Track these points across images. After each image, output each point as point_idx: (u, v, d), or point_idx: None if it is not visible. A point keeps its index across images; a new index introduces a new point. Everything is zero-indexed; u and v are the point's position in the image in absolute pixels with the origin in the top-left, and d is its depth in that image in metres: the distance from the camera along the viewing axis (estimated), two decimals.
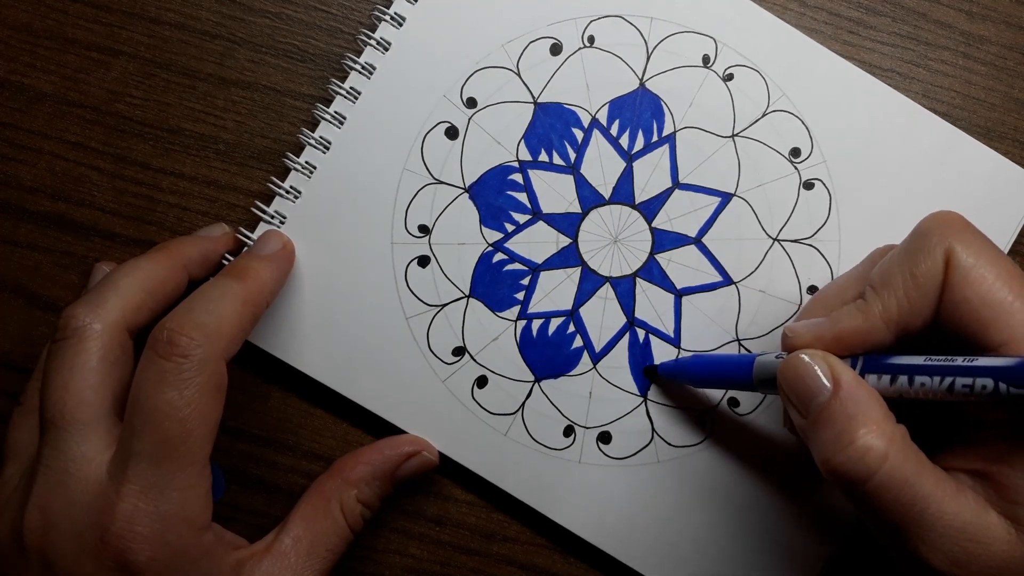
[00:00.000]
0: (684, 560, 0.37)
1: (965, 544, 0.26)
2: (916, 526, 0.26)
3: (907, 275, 0.29)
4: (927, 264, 0.29)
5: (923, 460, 0.27)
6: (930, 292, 0.29)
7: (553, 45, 0.38)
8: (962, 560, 0.26)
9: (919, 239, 0.29)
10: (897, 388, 0.28)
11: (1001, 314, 0.27)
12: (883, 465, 0.26)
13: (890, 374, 0.28)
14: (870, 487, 0.26)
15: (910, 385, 0.28)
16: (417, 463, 0.37)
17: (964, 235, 0.29)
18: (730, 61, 0.38)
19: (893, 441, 0.27)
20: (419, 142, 0.38)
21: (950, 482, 0.27)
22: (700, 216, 0.38)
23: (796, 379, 0.29)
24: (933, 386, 0.27)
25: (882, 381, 0.28)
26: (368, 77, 0.38)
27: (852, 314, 0.30)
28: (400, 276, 0.38)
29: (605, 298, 0.38)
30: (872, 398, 0.27)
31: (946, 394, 0.27)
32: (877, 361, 0.29)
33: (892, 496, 0.26)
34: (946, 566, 0.26)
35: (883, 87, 0.38)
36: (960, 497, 0.27)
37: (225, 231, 0.38)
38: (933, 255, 0.29)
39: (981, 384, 0.26)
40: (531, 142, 0.38)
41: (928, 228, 0.29)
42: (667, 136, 0.38)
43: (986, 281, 0.28)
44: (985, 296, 0.28)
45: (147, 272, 0.34)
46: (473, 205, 0.38)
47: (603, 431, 0.38)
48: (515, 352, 0.38)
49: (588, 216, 0.38)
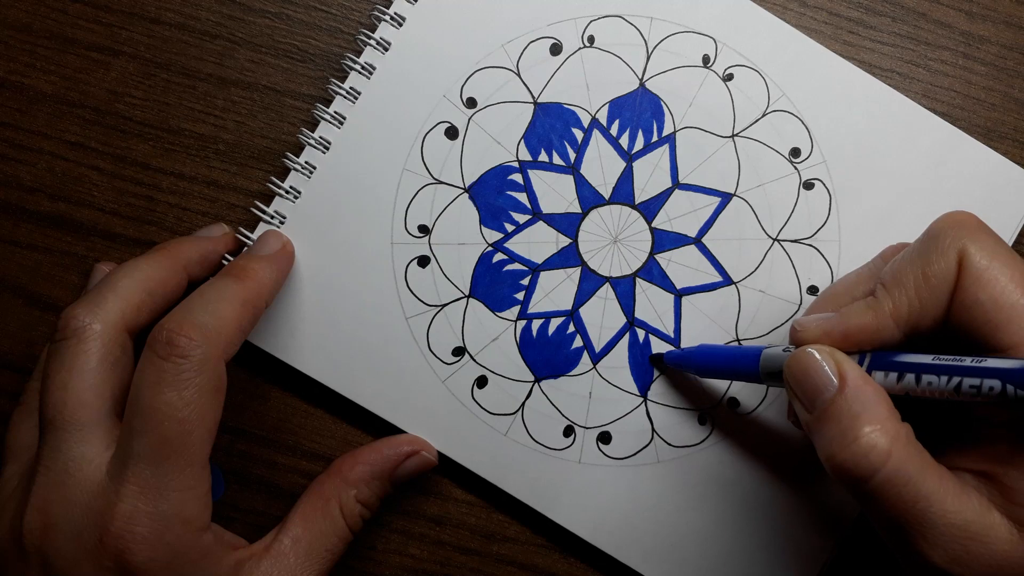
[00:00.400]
0: (684, 560, 0.37)
1: (966, 542, 0.26)
2: (918, 524, 0.27)
3: (919, 275, 0.29)
4: (940, 264, 0.29)
5: (927, 458, 0.27)
6: (942, 292, 0.29)
7: (553, 45, 0.38)
8: (963, 558, 0.26)
9: (932, 239, 0.29)
10: (904, 386, 0.28)
11: (1013, 316, 0.27)
12: (887, 463, 0.26)
13: (897, 372, 0.28)
14: (873, 484, 0.27)
15: (917, 384, 0.28)
16: (416, 463, 0.37)
17: (978, 236, 0.29)
18: (730, 61, 0.38)
19: (897, 439, 0.27)
20: (419, 142, 0.38)
21: (953, 481, 0.27)
22: (700, 216, 0.38)
23: (803, 373, 0.29)
24: (940, 385, 0.27)
25: (889, 378, 0.28)
26: (368, 77, 0.38)
27: (862, 311, 0.30)
28: (400, 276, 0.38)
29: (605, 298, 0.38)
30: (878, 395, 0.28)
31: (953, 394, 0.27)
32: (885, 358, 0.29)
33: (895, 493, 0.26)
34: (947, 564, 0.26)
35: (883, 87, 0.38)
36: (963, 496, 0.27)
37: (225, 231, 0.38)
38: (946, 256, 0.29)
39: (989, 385, 0.26)
40: (531, 142, 0.38)
41: (942, 228, 0.29)
42: (667, 136, 0.38)
43: (999, 283, 0.28)
44: (998, 298, 0.28)
45: (147, 273, 0.34)
46: (473, 205, 0.38)
47: (603, 431, 0.38)
48: (515, 352, 0.38)
49: (588, 216, 0.38)
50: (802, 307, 0.38)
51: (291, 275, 0.37)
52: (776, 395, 0.38)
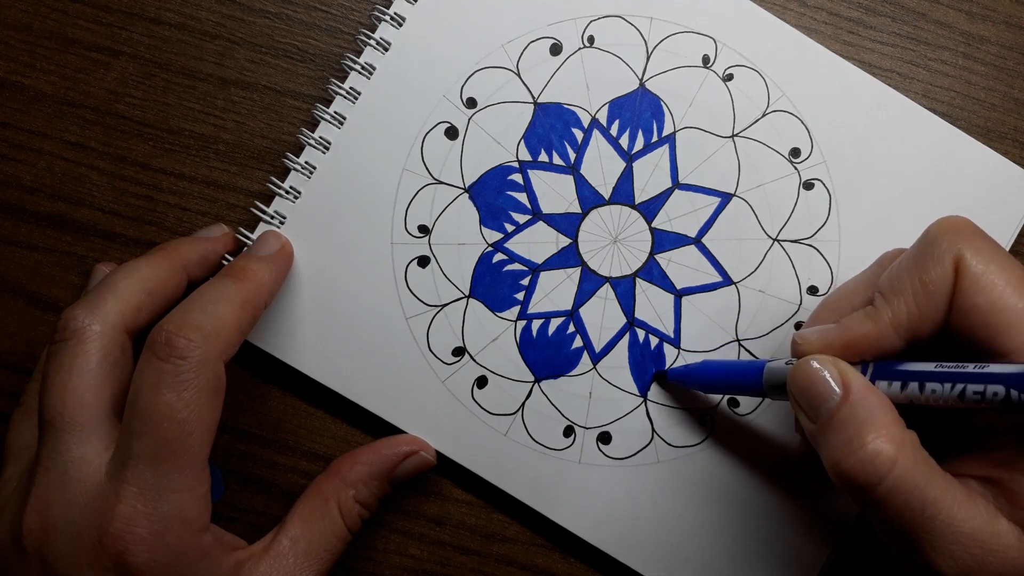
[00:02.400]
0: (684, 560, 0.37)
1: (975, 551, 0.26)
2: (926, 532, 0.26)
3: (916, 282, 0.29)
4: (937, 271, 0.28)
5: (933, 466, 0.27)
6: (940, 299, 0.28)
7: (553, 45, 0.38)
8: (973, 568, 0.26)
9: (928, 245, 0.29)
10: (907, 394, 0.28)
11: (1013, 320, 0.27)
12: (892, 470, 0.26)
13: (900, 380, 0.28)
14: (880, 492, 0.26)
15: (920, 392, 0.27)
16: (414, 463, 0.37)
17: (974, 240, 0.29)
18: (730, 61, 0.38)
19: (903, 446, 0.27)
20: (419, 142, 0.38)
21: (960, 488, 0.27)
22: (700, 216, 0.38)
23: (806, 384, 0.29)
24: (944, 393, 0.27)
25: (892, 387, 0.28)
26: (368, 77, 0.38)
27: (862, 320, 0.30)
28: (400, 276, 0.38)
29: (605, 298, 0.38)
30: (882, 403, 0.27)
31: (957, 401, 0.27)
32: (887, 367, 0.29)
33: (902, 501, 0.26)
34: (956, 573, 0.26)
35: (883, 87, 0.38)
36: (970, 503, 0.27)
37: (224, 232, 0.38)
38: (943, 262, 0.28)
39: (992, 391, 0.26)
40: (531, 142, 0.38)
41: (937, 234, 0.29)
42: (667, 136, 0.38)
43: (996, 287, 0.28)
44: (996, 302, 0.27)
45: (146, 273, 0.34)
46: (473, 205, 0.38)
47: (603, 431, 0.38)
48: (515, 352, 0.38)
49: (588, 216, 0.38)
50: (802, 307, 0.38)
51: (291, 275, 0.37)
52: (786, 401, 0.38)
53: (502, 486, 0.38)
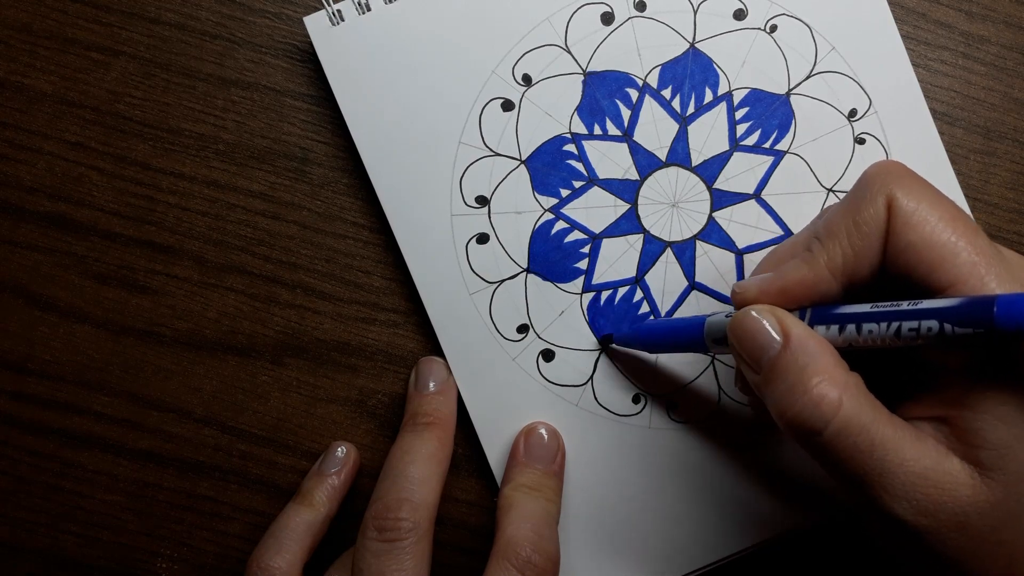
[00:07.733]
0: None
1: (929, 491, 0.26)
2: (877, 474, 0.26)
3: (850, 223, 0.29)
4: (869, 211, 0.28)
5: (879, 407, 0.27)
6: (874, 239, 0.28)
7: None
8: (928, 509, 0.26)
9: (861, 188, 0.29)
10: (846, 337, 0.28)
11: (946, 255, 0.27)
12: (838, 411, 0.26)
13: (838, 324, 0.28)
14: (827, 436, 0.26)
15: (859, 333, 0.27)
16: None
17: (905, 181, 0.29)
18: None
19: (847, 388, 0.26)
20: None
21: (910, 428, 0.27)
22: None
23: (745, 335, 0.29)
24: (881, 332, 0.27)
25: (831, 331, 0.28)
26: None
27: (797, 266, 0.30)
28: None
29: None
30: (823, 347, 0.27)
31: (894, 339, 0.26)
32: (825, 312, 0.29)
33: (850, 443, 0.26)
34: (912, 516, 0.26)
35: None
36: (919, 443, 0.26)
37: (347, 452, 0.38)
38: (875, 202, 0.28)
39: (927, 326, 0.26)
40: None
41: (869, 176, 0.29)
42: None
43: (928, 224, 0.28)
44: (928, 238, 0.27)
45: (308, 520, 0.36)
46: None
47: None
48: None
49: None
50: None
51: None
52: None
53: None
